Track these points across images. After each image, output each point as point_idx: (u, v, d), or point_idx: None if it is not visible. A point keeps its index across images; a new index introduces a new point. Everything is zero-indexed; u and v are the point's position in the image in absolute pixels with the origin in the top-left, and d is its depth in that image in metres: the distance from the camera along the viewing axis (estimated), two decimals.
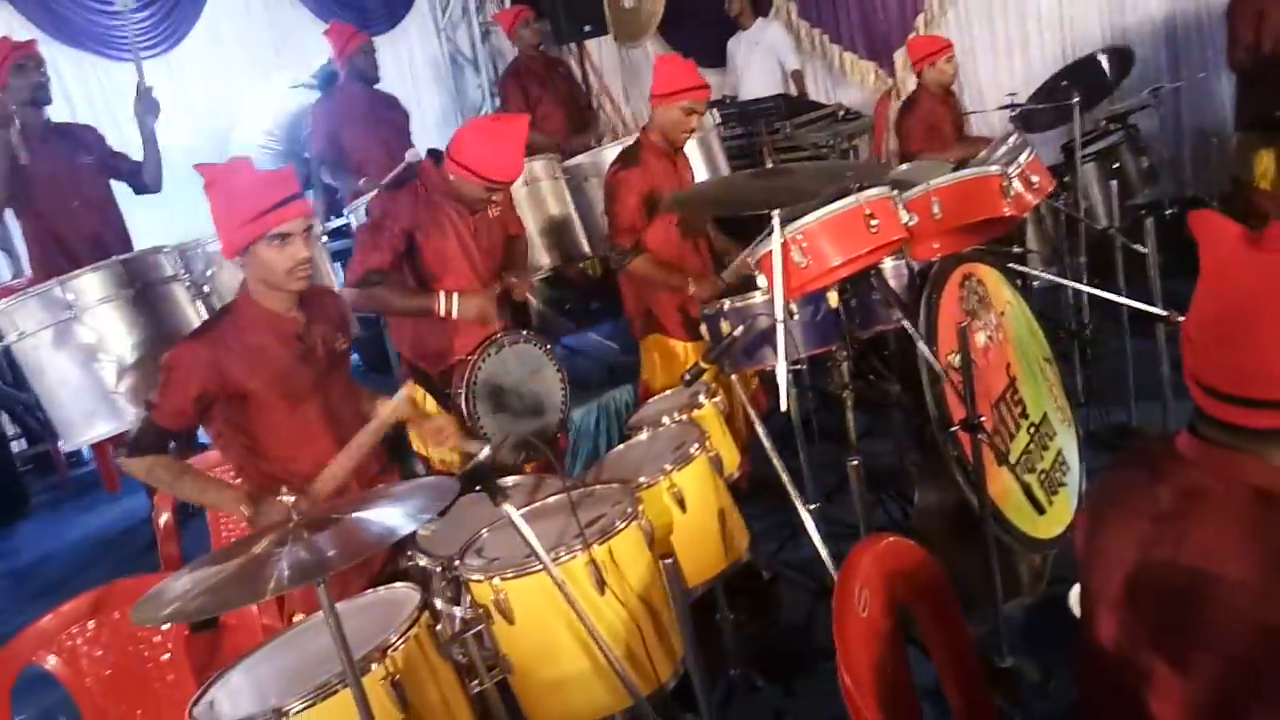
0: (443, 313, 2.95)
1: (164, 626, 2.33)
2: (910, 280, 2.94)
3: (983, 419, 2.43)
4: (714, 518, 2.34)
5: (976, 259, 2.96)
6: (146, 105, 3.95)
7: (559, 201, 4.75)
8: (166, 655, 2.36)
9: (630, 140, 3.81)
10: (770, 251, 2.44)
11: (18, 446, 4.88)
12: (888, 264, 2.98)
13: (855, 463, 2.44)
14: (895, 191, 2.64)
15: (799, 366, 3.00)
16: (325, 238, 3.98)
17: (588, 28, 6.91)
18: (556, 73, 5.96)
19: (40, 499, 4.57)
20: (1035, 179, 2.92)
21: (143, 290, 3.27)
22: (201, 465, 2.45)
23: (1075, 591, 1.33)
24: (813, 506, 2.47)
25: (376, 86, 5.16)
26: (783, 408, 2.31)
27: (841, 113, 6.08)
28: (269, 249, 2.13)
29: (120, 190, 4.17)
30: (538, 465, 2.97)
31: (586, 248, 4.84)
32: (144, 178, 4.11)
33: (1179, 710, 1.07)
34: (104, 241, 3.97)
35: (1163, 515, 1.13)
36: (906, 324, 2.58)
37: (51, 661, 2.22)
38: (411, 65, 6.87)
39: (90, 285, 3.17)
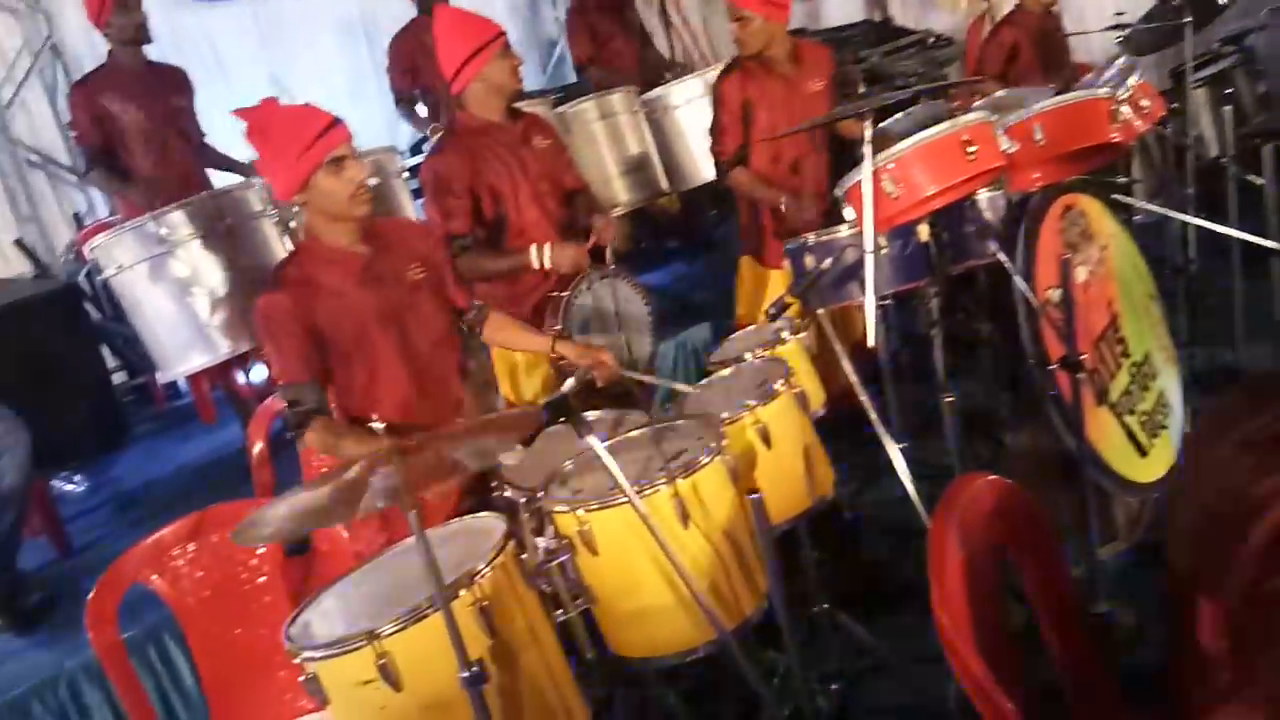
0: (536, 265, 2.91)
1: (260, 549, 2.41)
2: (1007, 212, 2.81)
3: (1083, 357, 2.33)
4: (799, 455, 2.30)
5: (1079, 189, 2.81)
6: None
7: (637, 136, 4.66)
8: (263, 578, 2.44)
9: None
10: (859, 181, 2.36)
11: (119, 379, 5.08)
12: (982, 195, 2.86)
13: (950, 399, 2.36)
14: (995, 116, 2.51)
15: (886, 303, 2.92)
16: (406, 173, 3.98)
17: None
18: (627, 11, 5.79)
19: (140, 429, 4.75)
20: (1145, 103, 2.74)
21: (233, 226, 3.33)
22: None
23: None
24: (901, 446, 2.40)
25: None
26: (869, 343, 2.25)
27: (931, 40, 5.82)
28: (327, 177, 2.14)
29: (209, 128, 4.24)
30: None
31: (665, 183, 4.76)
32: (206, 153, 4.21)
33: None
34: (194, 178, 4.06)
35: (1261, 446, 1.06)
36: (1003, 257, 2.47)
37: (156, 581, 2.32)
38: None
39: (182, 220, 3.23)
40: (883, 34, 5.81)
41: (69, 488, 4.17)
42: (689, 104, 4.73)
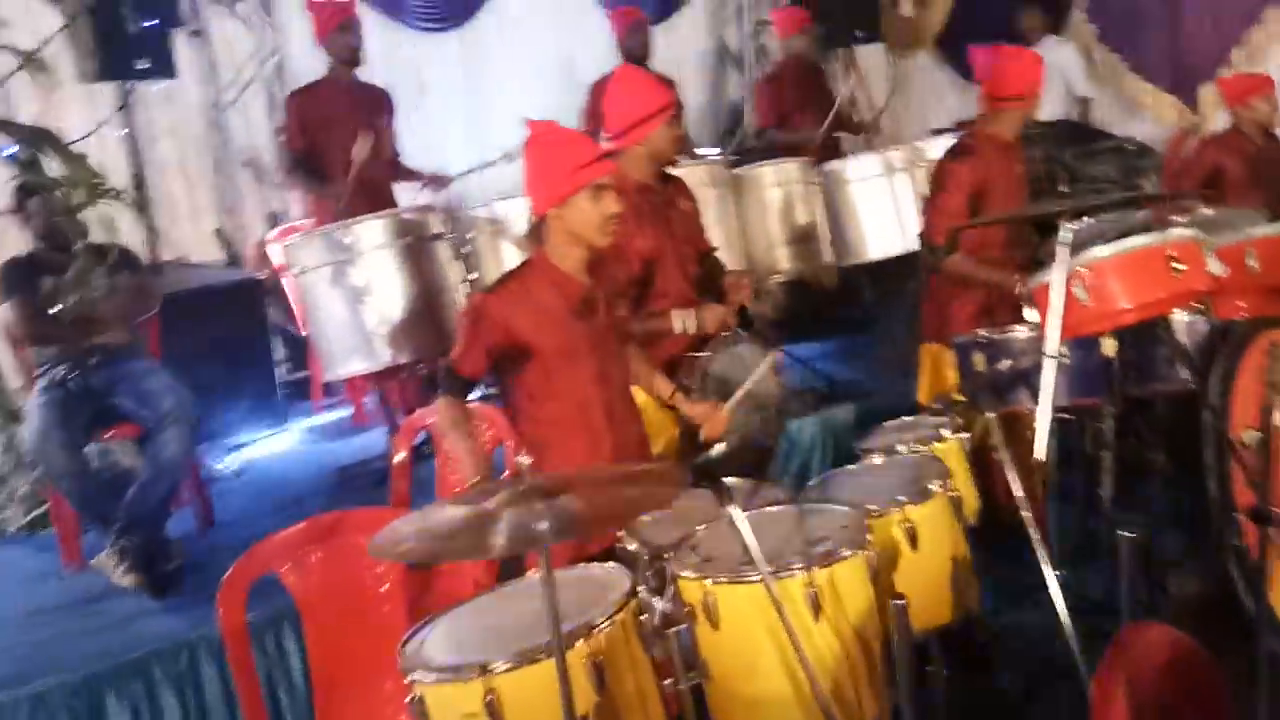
0: (679, 329, 2.88)
1: None
2: (1206, 339, 2.61)
3: (1277, 511, 2.11)
4: (946, 563, 2.17)
5: None
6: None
7: (807, 206, 4.64)
8: (385, 587, 2.47)
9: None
10: (1049, 282, 2.25)
11: (282, 372, 5.36)
12: (1179, 316, 2.67)
13: (1131, 535, 2.16)
14: (1205, 236, 2.35)
15: (1064, 415, 2.74)
16: None
17: (859, 34, 6.71)
18: (817, 80, 5.81)
19: (294, 422, 4.98)
20: None
21: (412, 245, 3.48)
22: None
23: None
24: (1057, 573, 2.23)
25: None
26: (1038, 456, 2.11)
27: (1131, 147, 5.56)
28: (588, 200, 2.27)
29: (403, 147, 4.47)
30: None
31: (829, 257, 4.70)
32: (398, 169, 4.43)
33: None
34: (384, 193, 4.28)
35: None
36: (1197, 387, 2.29)
37: (287, 572, 2.38)
38: (678, 57, 6.92)
39: (369, 232, 3.41)
40: (1079, 134, 5.58)
41: (220, 466, 4.40)
42: (864, 181, 4.68)
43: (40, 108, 4.10)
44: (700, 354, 2.92)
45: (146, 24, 4.03)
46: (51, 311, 3.37)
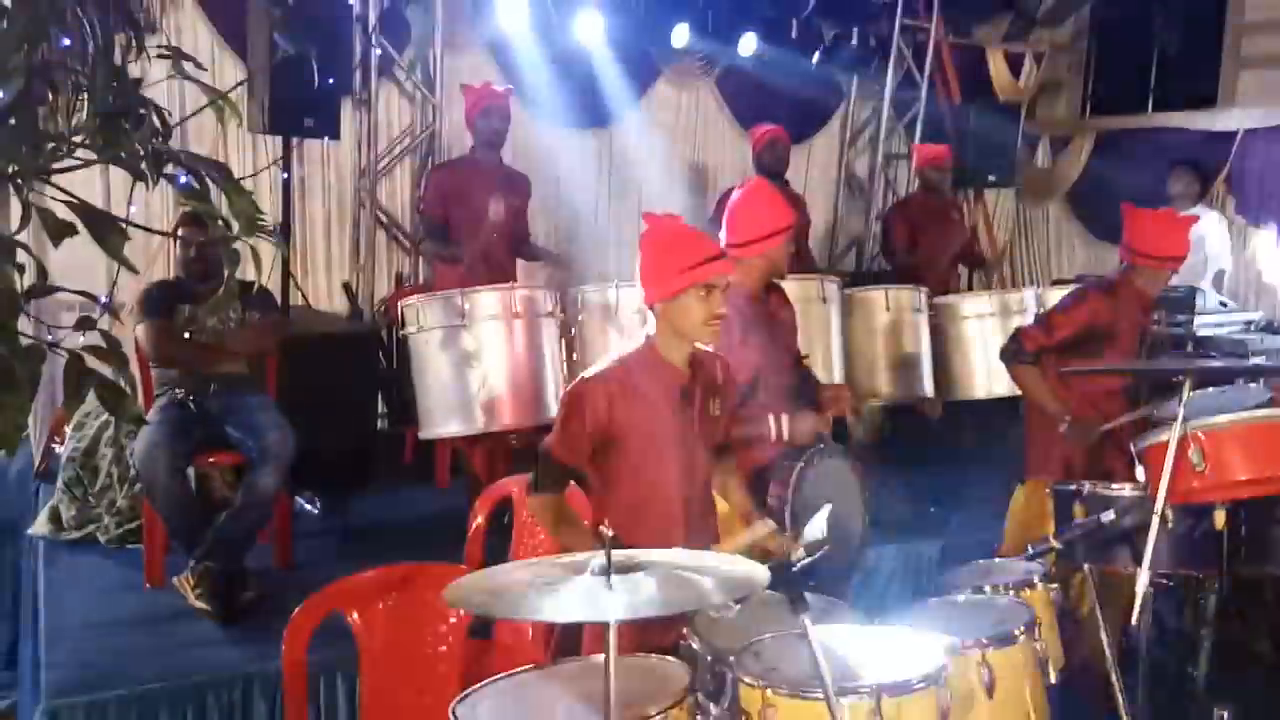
0: (774, 436, 2.88)
1: (453, 619, 2.45)
2: None
3: None
4: (1022, 717, 2.05)
5: None
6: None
7: (914, 335, 4.61)
8: (444, 647, 2.48)
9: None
10: (1163, 442, 2.17)
11: (380, 425, 5.51)
12: None
13: (1224, 715, 2.03)
14: None
15: (1165, 581, 2.60)
16: None
17: (992, 177, 6.75)
18: (948, 215, 5.85)
19: (383, 475, 5.09)
20: None
21: (524, 318, 3.60)
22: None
23: None
24: None
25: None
26: (1133, 621, 2.00)
27: (1260, 323, 5.38)
28: (695, 298, 2.29)
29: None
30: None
31: (929, 388, 4.64)
32: (523, 248, 4.66)
33: None
34: (508, 267, 4.47)
35: None
36: None
37: (354, 617, 2.42)
38: (807, 180, 7.07)
39: (487, 301, 3.55)
40: (1206, 303, 5.43)
41: (308, 508, 4.52)
42: (979, 318, 4.65)
43: (209, 150, 4.44)
44: (794, 463, 2.89)
45: (322, 87, 4.33)
46: (185, 337, 3.59)
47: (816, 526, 2.41)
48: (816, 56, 6.30)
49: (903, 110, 7.17)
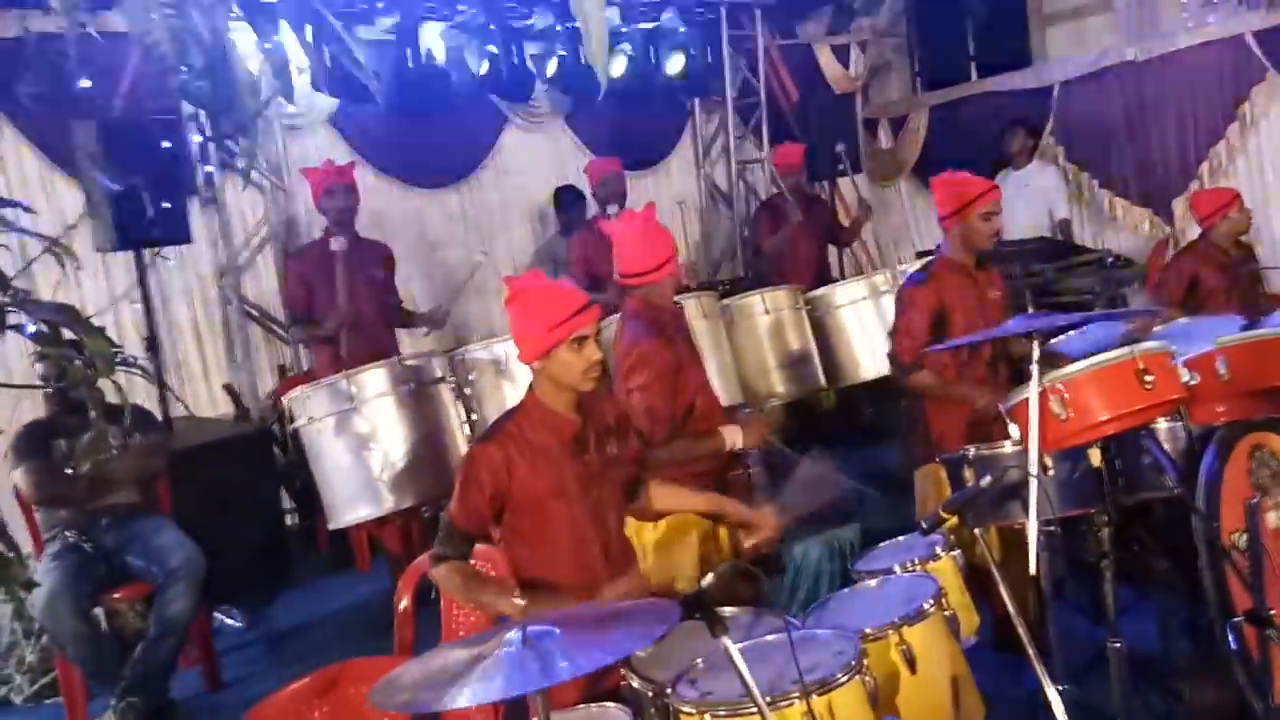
0: (728, 446, 2.98)
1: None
2: (1188, 446, 2.65)
3: (1273, 613, 2.12)
4: (946, 685, 2.15)
5: (1269, 428, 2.64)
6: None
7: (798, 332, 4.77)
8: None
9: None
10: (1025, 399, 2.31)
11: (289, 521, 5.39)
12: (1162, 424, 2.72)
13: (1118, 645, 2.17)
14: (1174, 346, 2.43)
15: (1051, 528, 2.76)
16: None
17: (841, 166, 7.04)
18: (810, 208, 6.13)
19: (300, 570, 4.98)
20: None
21: (415, 389, 3.59)
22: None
23: None
24: (1061, 688, 2.21)
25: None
26: (1030, 570, 2.13)
27: (1110, 259, 5.73)
28: (569, 352, 2.34)
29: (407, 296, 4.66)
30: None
31: (823, 380, 4.80)
32: (396, 316, 4.68)
33: None
34: (384, 341, 4.43)
35: None
36: (1183, 494, 2.33)
37: None
38: (672, 194, 7.27)
39: (373, 380, 3.52)
40: (1059, 249, 5.75)
41: (229, 621, 4.39)
42: (853, 304, 4.84)
43: (59, 278, 4.29)
44: (743, 470, 3.01)
45: (164, 205, 4.27)
46: (66, 473, 3.45)
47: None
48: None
49: (747, 116, 7.43)
